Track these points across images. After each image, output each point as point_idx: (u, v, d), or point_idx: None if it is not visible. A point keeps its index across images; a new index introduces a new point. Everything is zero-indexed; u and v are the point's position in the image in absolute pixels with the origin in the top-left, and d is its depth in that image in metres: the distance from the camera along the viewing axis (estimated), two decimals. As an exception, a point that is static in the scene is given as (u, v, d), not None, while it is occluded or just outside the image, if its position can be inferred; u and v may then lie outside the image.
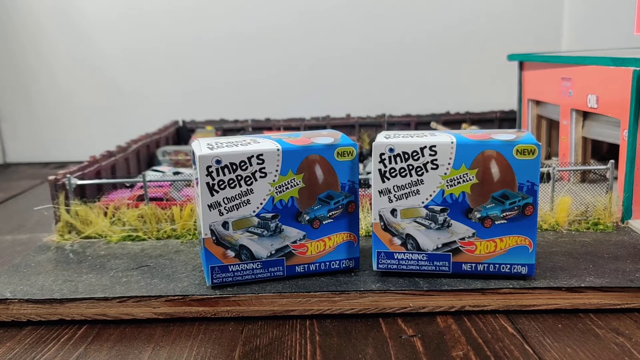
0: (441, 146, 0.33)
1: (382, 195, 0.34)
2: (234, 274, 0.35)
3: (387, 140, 0.34)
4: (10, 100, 0.95)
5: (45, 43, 0.93)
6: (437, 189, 0.34)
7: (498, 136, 0.34)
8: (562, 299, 0.33)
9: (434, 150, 0.33)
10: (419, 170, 0.33)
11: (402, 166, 0.33)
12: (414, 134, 0.35)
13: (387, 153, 0.33)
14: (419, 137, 0.34)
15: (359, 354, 0.30)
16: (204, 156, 0.32)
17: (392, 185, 0.34)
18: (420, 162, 0.33)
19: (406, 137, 0.34)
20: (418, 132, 0.36)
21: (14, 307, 0.34)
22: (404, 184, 0.34)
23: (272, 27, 0.94)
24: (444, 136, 0.34)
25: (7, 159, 0.97)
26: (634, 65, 0.43)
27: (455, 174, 0.33)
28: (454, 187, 0.33)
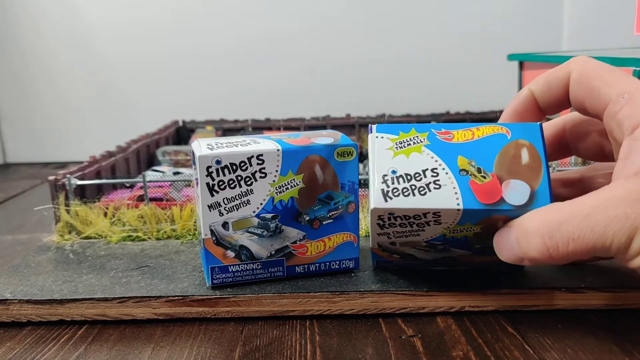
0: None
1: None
2: (234, 275, 0.35)
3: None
4: (10, 100, 0.95)
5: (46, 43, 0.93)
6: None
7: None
8: (562, 299, 0.33)
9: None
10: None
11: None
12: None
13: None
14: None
15: (359, 354, 0.30)
16: (204, 156, 0.32)
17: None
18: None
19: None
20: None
21: (14, 307, 0.34)
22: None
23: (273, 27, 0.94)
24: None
25: (7, 159, 0.97)
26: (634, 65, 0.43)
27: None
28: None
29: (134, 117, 0.95)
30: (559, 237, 0.26)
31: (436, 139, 0.31)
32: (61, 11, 0.92)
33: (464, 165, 0.30)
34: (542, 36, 0.93)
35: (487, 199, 0.29)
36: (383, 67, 0.95)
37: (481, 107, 0.85)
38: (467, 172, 0.30)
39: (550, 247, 0.26)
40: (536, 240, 0.27)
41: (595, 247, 0.25)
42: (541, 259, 0.27)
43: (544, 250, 0.26)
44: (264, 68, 0.94)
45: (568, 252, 0.26)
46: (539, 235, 0.26)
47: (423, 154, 0.30)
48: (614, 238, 0.25)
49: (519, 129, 0.30)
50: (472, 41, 0.93)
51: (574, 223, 0.25)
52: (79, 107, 0.96)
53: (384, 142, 0.31)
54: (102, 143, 0.72)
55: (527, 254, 0.27)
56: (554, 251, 0.26)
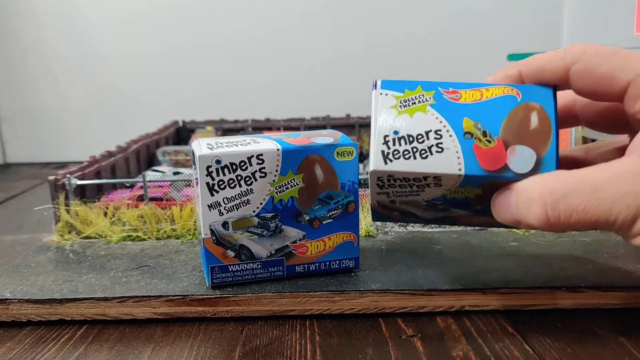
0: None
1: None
2: (234, 274, 0.35)
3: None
4: (10, 100, 0.95)
5: (46, 43, 0.93)
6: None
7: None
8: (562, 298, 0.33)
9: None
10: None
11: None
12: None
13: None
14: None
15: (359, 354, 0.30)
16: (204, 156, 0.32)
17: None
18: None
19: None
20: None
21: (14, 307, 0.34)
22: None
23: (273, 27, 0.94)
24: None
25: (7, 159, 0.97)
26: (634, 65, 0.43)
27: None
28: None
29: (134, 117, 0.95)
30: (563, 208, 0.25)
31: (443, 99, 0.29)
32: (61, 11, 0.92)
33: (469, 127, 0.29)
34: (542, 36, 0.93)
35: (490, 165, 0.28)
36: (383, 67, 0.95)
37: (481, 107, 0.84)
38: (471, 136, 0.29)
39: (551, 217, 0.25)
40: (538, 209, 0.26)
41: (598, 221, 0.25)
42: (539, 226, 0.26)
43: (544, 219, 0.26)
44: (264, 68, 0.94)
45: (569, 223, 0.25)
46: (541, 204, 0.26)
47: (428, 114, 0.29)
48: (619, 215, 0.24)
49: (530, 91, 0.29)
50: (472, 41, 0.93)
51: (580, 196, 0.25)
52: (79, 107, 0.96)
53: (388, 99, 0.30)
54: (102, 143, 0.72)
55: (525, 220, 0.27)
56: (555, 221, 0.25)
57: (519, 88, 0.29)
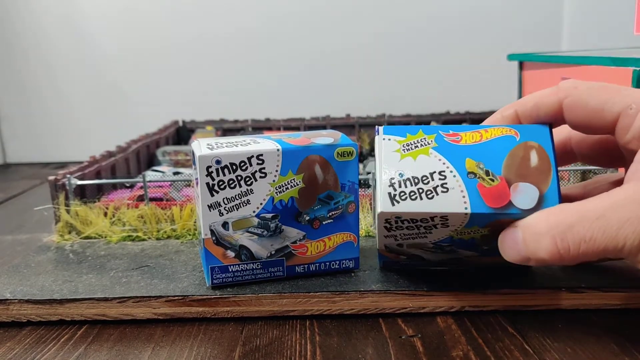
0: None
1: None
2: (234, 274, 0.35)
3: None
4: (10, 100, 0.95)
5: (46, 43, 0.93)
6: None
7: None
8: (562, 299, 0.33)
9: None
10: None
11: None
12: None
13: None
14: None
15: (359, 354, 0.30)
16: (204, 156, 0.32)
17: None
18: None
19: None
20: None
21: (14, 307, 0.34)
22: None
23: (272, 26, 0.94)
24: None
25: (7, 159, 0.97)
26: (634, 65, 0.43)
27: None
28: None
29: (134, 117, 0.95)
30: (571, 239, 0.25)
31: (444, 141, 0.30)
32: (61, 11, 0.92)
33: (472, 167, 0.29)
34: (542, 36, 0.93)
35: (495, 203, 0.29)
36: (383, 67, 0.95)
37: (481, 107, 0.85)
38: (475, 175, 0.29)
39: (561, 249, 0.26)
40: (547, 242, 0.26)
41: (607, 249, 0.25)
42: (550, 260, 0.26)
43: (554, 251, 0.26)
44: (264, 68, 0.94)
45: (579, 253, 0.26)
46: (549, 237, 0.26)
47: (430, 156, 0.30)
48: (626, 240, 0.24)
49: (527, 130, 0.30)
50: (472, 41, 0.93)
51: (586, 225, 0.25)
52: (79, 107, 0.96)
53: (391, 144, 0.31)
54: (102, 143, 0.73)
55: (535, 255, 0.27)
56: (565, 253, 0.26)
57: (517, 128, 0.30)
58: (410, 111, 0.86)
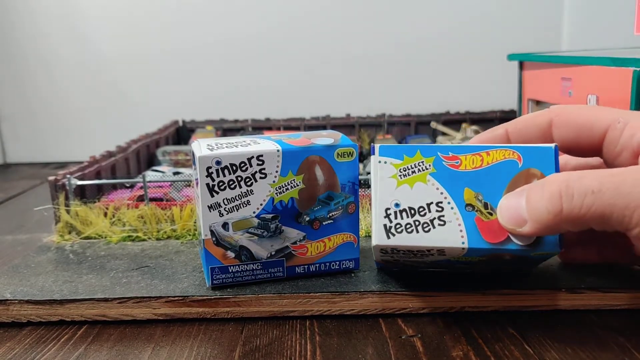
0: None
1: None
2: (234, 275, 0.35)
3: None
4: (10, 100, 0.95)
5: (46, 43, 0.93)
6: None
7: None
8: (562, 299, 0.33)
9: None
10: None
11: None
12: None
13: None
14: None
15: (359, 354, 0.30)
16: (204, 157, 0.32)
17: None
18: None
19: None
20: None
21: (14, 307, 0.34)
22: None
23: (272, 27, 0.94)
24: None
25: (7, 159, 0.97)
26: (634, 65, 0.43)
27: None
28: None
29: (134, 117, 0.95)
30: (577, 187, 0.24)
31: (442, 166, 0.29)
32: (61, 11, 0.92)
33: (471, 199, 0.28)
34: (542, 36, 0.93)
35: (493, 238, 0.28)
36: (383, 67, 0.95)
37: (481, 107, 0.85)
38: (473, 208, 0.28)
39: (564, 196, 0.24)
40: (551, 187, 0.25)
41: (614, 209, 0.24)
42: (549, 212, 0.25)
43: (556, 199, 0.24)
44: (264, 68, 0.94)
45: (582, 205, 0.24)
46: (556, 183, 0.25)
47: (428, 184, 0.29)
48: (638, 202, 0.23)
49: (531, 153, 0.28)
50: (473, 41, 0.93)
51: (597, 177, 0.24)
52: (79, 107, 0.96)
53: (387, 168, 0.29)
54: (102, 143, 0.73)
55: (534, 207, 0.25)
56: (567, 202, 0.24)
57: (520, 150, 0.28)
58: (410, 111, 0.86)
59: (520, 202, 0.27)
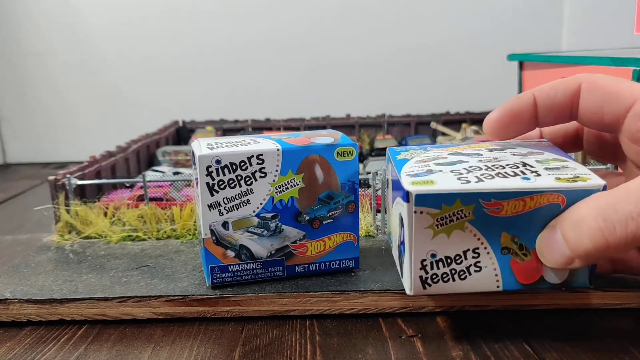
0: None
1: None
2: (234, 274, 0.35)
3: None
4: (10, 100, 0.95)
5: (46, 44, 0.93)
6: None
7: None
8: (562, 299, 0.33)
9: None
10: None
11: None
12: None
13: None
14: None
15: (359, 354, 0.30)
16: (204, 156, 0.32)
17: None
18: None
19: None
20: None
21: (14, 307, 0.34)
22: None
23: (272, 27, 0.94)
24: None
25: (7, 159, 0.97)
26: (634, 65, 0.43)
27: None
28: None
29: (134, 117, 0.95)
30: (616, 218, 0.23)
31: (483, 212, 0.27)
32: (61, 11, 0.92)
33: (507, 242, 0.28)
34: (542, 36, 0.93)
35: (526, 279, 0.28)
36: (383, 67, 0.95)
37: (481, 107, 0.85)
38: (509, 251, 0.28)
39: (605, 231, 0.23)
40: (589, 225, 0.24)
41: None
42: (595, 249, 0.24)
43: (598, 236, 0.24)
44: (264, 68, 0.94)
45: (627, 234, 0.23)
46: (591, 219, 0.24)
47: (466, 232, 0.27)
48: None
49: (577, 196, 0.26)
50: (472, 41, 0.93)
51: (631, 201, 0.23)
52: (79, 107, 0.96)
53: (424, 218, 0.27)
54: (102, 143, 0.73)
55: (578, 247, 0.24)
56: (611, 235, 0.23)
57: (566, 194, 0.27)
58: (410, 111, 0.86)
59: (556, 238, 0.26)
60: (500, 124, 0.32)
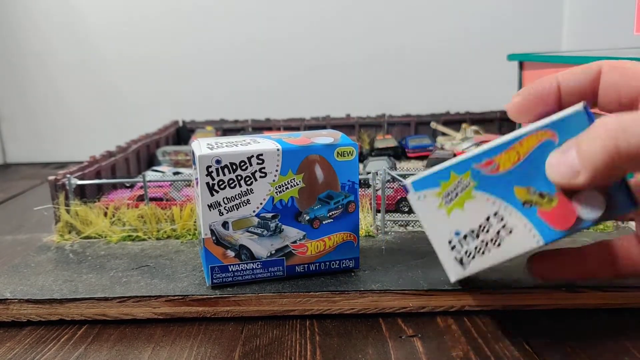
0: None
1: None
2: (234, 274, 0.35)
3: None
4: (10, 100, 0.95)
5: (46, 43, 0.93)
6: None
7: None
8: (562, 299, 0.33)
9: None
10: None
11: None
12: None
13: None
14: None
15: (359, 354, 0.30)
16: (204, 156, 0.32)
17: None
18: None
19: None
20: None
21: (14, 307, 0.34)
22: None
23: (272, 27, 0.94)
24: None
25: (7, 159, 0.97)
26: (634, 65, 0.43)
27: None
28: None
29: (134, 117, 0.95)
30: (634, 129, 0.23)
31: (482, 175, 0.27)
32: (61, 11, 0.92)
33: (524, 195, 0.27)
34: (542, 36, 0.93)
35: (563, 224, 0.26)
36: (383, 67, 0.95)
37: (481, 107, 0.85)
38: (531, 203, 0.27)
39: (620, 140, 0.23)
40: (604, 135, 0.23)
41: None
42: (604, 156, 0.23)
43: (611, 147, 0.23)
44: (264, 68, 0.94)
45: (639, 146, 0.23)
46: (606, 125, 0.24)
47: (476, 199, 0.27)
48: None
49: (564, 126, 0.26)
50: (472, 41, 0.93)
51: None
52: (79, 107, 0.96)
53: (430, 201, 0.28)
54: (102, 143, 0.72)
55: (588, 154, 0.24)
56: (625, 144, 0.23)
57: (552, 126, 0.26)
58: (410, 111, 0.86)
59: (569, 154, 0.25)
60: (525, 107, 0.31)
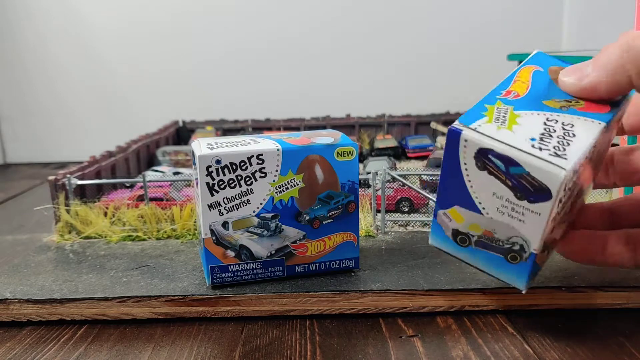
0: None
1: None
2: (234, 274, 0.35)
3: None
4: (11, 100, 0.95)
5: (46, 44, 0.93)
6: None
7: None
8: (562, 299, 0.33)
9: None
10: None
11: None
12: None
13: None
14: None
15: (359, 354, 0.30)
16: (204, 156, 0.32)
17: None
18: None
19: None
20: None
21: (14, 307, 0.34)
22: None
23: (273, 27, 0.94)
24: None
25: (7, 159, 0.97)
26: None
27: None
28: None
29: (134, 117, 0.95)
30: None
31: (509, 100, 0.29)
32: (61, 12, 0.92)
33: (555, 104, 0.28)
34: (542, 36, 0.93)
35: (605, 109, 0.28)
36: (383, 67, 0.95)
37: (481, 107, 0.84)
38: (566, 105, 0.28)
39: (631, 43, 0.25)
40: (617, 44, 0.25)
41: None
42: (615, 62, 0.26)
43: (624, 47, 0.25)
44: (264, 68, 0.94)
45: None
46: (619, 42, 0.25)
47: (523, 116, 0.27)
48: None
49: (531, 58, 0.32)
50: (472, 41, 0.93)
51: None
52: (79, 108, 0.96)
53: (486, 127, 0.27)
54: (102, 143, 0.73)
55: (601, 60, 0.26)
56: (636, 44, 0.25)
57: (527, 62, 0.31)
58: (410, 111, 0.86)
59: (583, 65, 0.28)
60: None
